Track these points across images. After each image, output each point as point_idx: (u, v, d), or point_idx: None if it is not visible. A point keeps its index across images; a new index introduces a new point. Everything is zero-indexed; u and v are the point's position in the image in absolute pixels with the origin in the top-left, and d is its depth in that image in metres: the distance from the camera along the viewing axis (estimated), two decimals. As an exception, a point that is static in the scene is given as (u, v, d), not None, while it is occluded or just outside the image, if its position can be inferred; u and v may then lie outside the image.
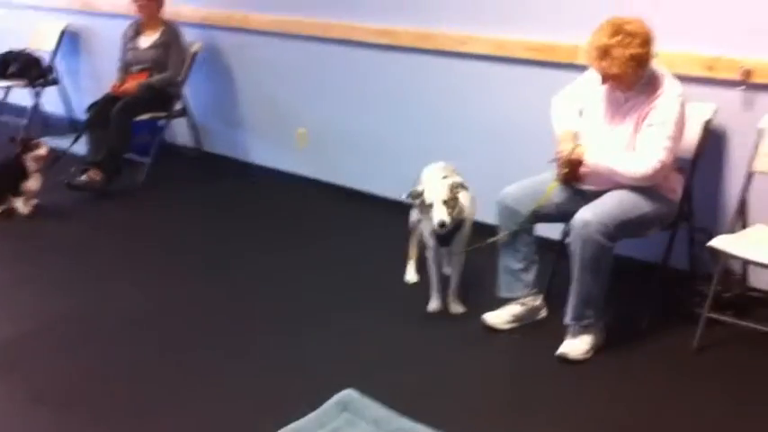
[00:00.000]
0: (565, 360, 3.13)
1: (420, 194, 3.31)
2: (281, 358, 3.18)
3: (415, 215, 3.70)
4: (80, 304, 3.64)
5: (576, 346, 3.17)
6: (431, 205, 3.25)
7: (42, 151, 4.72)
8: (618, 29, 3.04)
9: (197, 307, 3.64)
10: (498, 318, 3.38)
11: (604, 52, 3.04)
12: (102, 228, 4.65)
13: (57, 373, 3.09)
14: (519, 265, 3.36)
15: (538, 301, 3.43)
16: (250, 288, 3.82)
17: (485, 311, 3.41)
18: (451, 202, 3.26)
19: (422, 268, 3.76)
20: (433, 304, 3.55)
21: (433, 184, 3.31)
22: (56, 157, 4.94)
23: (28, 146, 4.72)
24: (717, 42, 3.47)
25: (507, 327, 3.38)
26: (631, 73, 3.06)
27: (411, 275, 3.83)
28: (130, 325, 3.45)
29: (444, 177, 3.43)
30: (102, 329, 3.43)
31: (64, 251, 4.28)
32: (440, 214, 3.22)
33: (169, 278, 3.94)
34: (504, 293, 3.41)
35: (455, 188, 3.29)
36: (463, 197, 3.35)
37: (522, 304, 3.38)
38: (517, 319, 3.38)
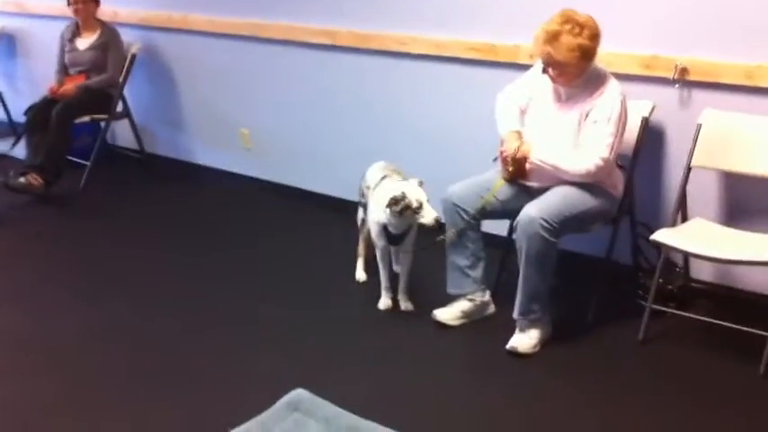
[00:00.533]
0: (515, 354, 3.17)
1: (402, 199, 3.28)
2: (229, 362, 3.14)
3: (361, 214, 3.72)
4: (4, 322, 3.49)
5: (524, 340, 3.21)
6: (418, 207, 3.27)
7: None
8: (569, 18, 3.10)
9: (136, 316, 3.55)
10: (448, 314, 3.41)
11: (553, 37, 3.08)
12: (36, 235, 4.52)
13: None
14: (466, 262, 3.39)
15: (486, 296, 3.46)
16: (194, 293, 3.76)
17: (435, 308, 3.43)
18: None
19: (370, 267, 3.77)
20: (384, 302, 3.57)
21: (409, 187, 3.32)
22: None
23: None
24: (653, 41, 3.55)
25: (457, 323, 3.41)
26: (575, 64, 3.11)
27: (360, 274, 3.84)
28: (61, 342, 3.32)
29: (384, 177, 3.51)
30: (27, 348, 3.28)
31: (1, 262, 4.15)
32: (433, 212, 3.28)
33: (105, 290, 3.82)
34: (452, 290, 3.44)
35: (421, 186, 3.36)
36: None
37: (471, 300, 3.41)
38: (466, 315, 3.42)
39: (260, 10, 4.95)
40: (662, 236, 3.18)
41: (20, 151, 5.19)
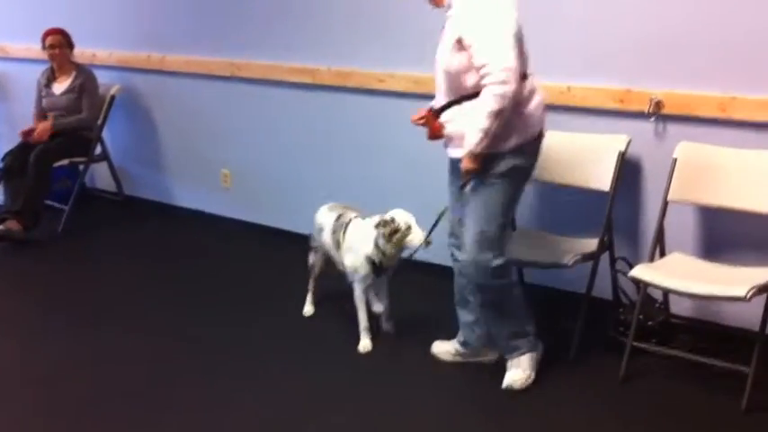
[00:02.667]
0: (512, 391, 3.14)
1: (391, 221, 3.32)
2: (205, 409, 3.08)
3: (311, 258, 3.84)
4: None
5: (518, 375, 3.17)
6: (407, 228, 3.30)
7: None
8: None
9: (111, 362, 3.49)
10: (442, 348, 3.40)
11: None
12: (14, 279, 4.48)
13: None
14: (471, 318, 3.30)
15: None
16: (169, 338, 3.70)
17: (419, 347, 3.43)
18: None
19: (317, 301, 3.90)
20: (364, 344, 3.52)
21: (396, 211, 3.36)
22: None
23: None
24: (627, 75, 3.55)
25: (449, 359, 3.39)
26: None
27: (309, 308, 3.90)
28: (34, 385, 3.29)
29: (340, 215, 3.61)
30: (22, 388, 3.27)
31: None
32: (421, 233, 3.29)
33: (83, 331, 3.79)
34: (460, 339, 3.38)
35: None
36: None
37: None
38: (460, 355, 3.37)
39: (238, 49, 4.96)
40: (641, 272, 3.16)
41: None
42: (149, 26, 5.42)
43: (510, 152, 2.94)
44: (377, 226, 3.34)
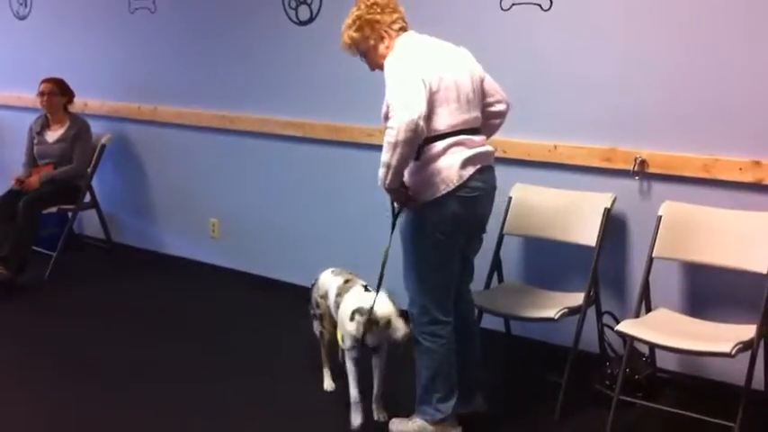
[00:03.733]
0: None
1: (369, 312, 3.10)
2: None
3: (317, 327, 3.60)
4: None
5: (402, 425, 3.17)
6: (387, 323, 3.09)
7: None
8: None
9: (98, 404, 3.47)
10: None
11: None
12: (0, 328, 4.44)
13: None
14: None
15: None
16: (152, 397, 3.60)
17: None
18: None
19: (336, 374, 3.62)
20: (356, 419, 3.26)
21: (378, 301, 3.13)
22: None
23: None
24: (612, 134, 3.66)
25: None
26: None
27: (328, 383, 3.63)
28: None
29: (347, 281, 3.41)
30: None
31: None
32: (403, 328, 3.09)
33: (67, 379, 3.75)
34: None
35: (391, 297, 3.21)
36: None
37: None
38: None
39: (229, 102, 5.05)
40: (627, 326, 3.21)
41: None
42: (142, 77, 5.51)
43: (419, 211, 2.99)
44: (353, 313, 3.14)
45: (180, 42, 5.26)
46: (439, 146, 2.93)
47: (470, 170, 2.98)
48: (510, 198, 3.81)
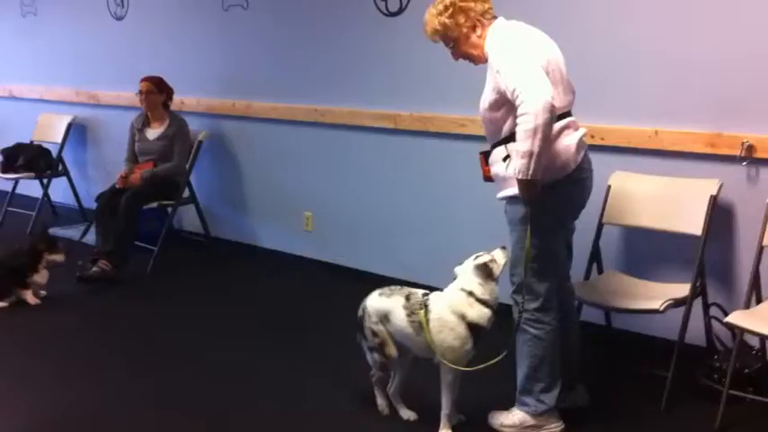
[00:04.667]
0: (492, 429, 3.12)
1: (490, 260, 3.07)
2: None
3: (377, 358, 3.22)
4: (78, 400, 3.52)
5: (502, 417, 3.13)
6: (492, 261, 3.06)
7: (60, 257, 4.77)
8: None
9: (193, 407, 3.50)
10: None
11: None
12: (105, 320, 4.59)
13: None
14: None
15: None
16: (247, 376, 3.73)
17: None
18: None
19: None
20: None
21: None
22: (68, 250, 4.94)
23: (50, 246, 4.76)
24: (717, 118, 3.52)
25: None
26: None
27: (408, 414, 3.29)
28: (129, 422, 3.34)
29: (409, 295, 3.18)
30: (101, 428, 3.32)
31: (65, 344, 4.19)
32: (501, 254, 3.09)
33: (165, 367, 3.86)
34: None
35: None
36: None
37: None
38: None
39: (321, 96, 5.09)
40: (737, 318, 3.09)
41: (89, 237, 5.35)
42: (236, 73, 5.61)
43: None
44: (476, 268, 3.03)
45: (271, 37, 5.33)
46: (555, 128, 2.84)
47: (582, 153, 2.96)
48: (609, 186, 3.71)
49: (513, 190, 2.89)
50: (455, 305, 3.03)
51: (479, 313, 3.00)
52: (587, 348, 3.32)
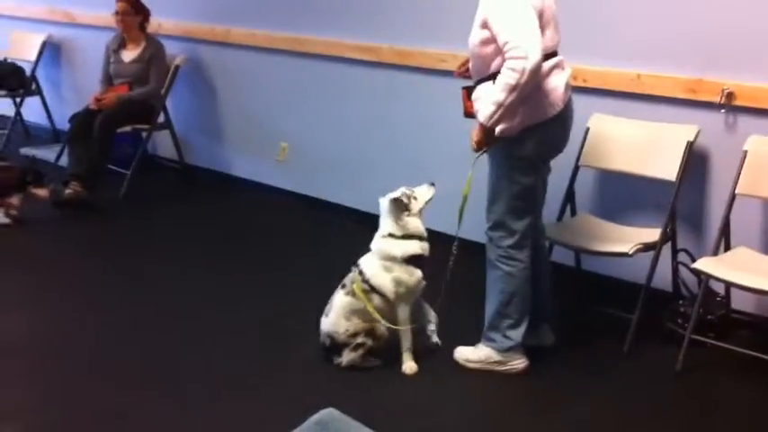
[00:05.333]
0: (457, 363, 3.15)
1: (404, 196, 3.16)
2: (254, 378, 3.11)
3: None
4: (41, 325, 3.51)
5: (466, 352, 3.17)
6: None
7: (44, 194, 4.73)
8: None
9: (160, 320, 3.56)
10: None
11: None
12: (75, 243, 4.55)
13: (14, 395, 2.97)
14: None
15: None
16: (221, 302, 3.75)
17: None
18: None
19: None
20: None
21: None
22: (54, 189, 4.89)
23: (36, 180, 4.72)
24: (699, 64, 3.49)
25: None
26: None
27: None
28: (89, 350, 3.32)
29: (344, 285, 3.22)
30: (62, 354, 3.28)
31: (33, 268, 4.17)
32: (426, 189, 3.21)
33: (131, 294, 3.86)
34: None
35: None
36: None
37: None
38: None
39: (302, 25, 4.99)
40: (704, 264, 3.12)
41: (65, 160, 5.29)
42: (216, -2, 5.48)
43: (516, 137, 2.90)
44: (391, 205, 3.13)
45: (254, -38, 5.20)
46: (545, 68, 2.82)
47: (569, 92, 2.96)
48: (587, 129, 3.69)
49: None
50: (382, 253, 3.13)
51: (406, 248, 3.10)
52: (556, 289, 3.34)
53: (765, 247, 3.41)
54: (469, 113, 3.11)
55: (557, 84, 2.91)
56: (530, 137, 2.91)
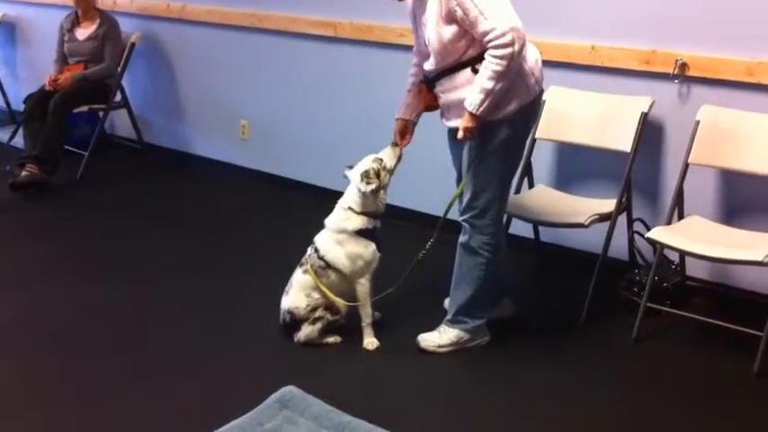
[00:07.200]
0: (420, 350, 3.13)
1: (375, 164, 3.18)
2: (217, 355, 3.13)
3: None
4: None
5: (432, 338, 3.14)
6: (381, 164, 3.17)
7: None
8: None
9: (126, 301, 3.55)
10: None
11: None
12: (31, 226, 4.51)
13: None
14: None
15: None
16: (185, 281, 3.76)
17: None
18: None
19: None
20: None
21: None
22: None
23: None
24: (653, 36, 3.52)
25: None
26: None
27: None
28: (45, 333, 3.30)
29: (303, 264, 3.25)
30: (18, 338, 3.26)
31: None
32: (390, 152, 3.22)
33: (96, 276, 3.83)
34: None
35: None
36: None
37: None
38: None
39: (259, 1, 4.93)
40: (658, 233, 3.16)
41: (16, 140, 5.19)
42: (171, -26, 5.40)
43: (508, 120, 2.90)
44: (361, 176, 3.11)
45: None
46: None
47: (542, 74, 2.99)
48: (544, 102, 3.70)
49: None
50: (335, 226, 3.15)
51: (358, 222, 3.11)
52: (515, 261, 3.37)
53: (718, 215, 3.47)
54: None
55: (536, 58, 2.94)
56: (522, 117, 2.94)
